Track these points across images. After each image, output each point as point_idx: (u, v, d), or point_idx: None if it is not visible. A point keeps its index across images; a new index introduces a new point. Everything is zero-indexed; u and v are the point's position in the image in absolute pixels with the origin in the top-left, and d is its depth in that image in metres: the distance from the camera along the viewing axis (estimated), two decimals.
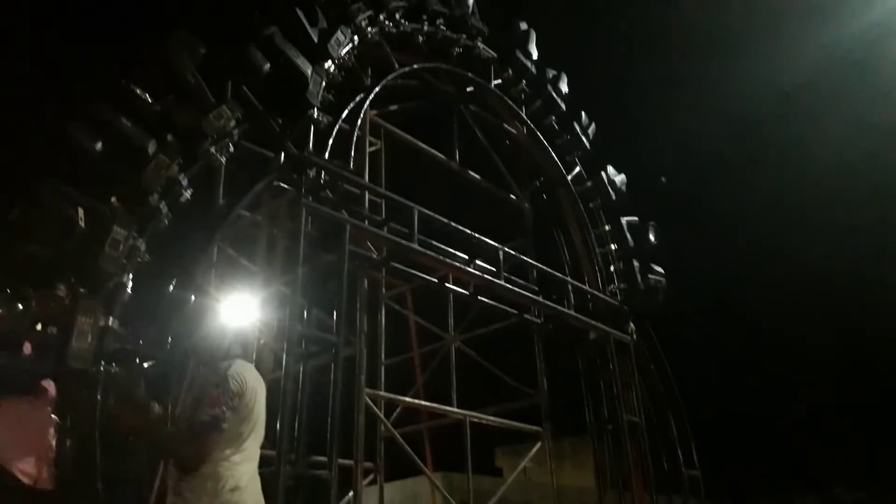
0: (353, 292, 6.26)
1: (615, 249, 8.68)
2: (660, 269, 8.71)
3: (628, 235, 8.74)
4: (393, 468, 8.72)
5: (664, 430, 8.17)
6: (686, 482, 7.90)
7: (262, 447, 3.33)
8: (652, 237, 8.80)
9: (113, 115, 4.53)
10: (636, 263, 8.59)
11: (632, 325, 8.42)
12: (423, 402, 7.68)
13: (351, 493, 6.30)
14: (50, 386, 3.78)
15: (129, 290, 4.48)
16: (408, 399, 7.62)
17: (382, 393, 7.21)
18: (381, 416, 6.63)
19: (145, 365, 4.52)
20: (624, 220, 8.88)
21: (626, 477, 7.71)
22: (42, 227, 4.19)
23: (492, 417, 7.30)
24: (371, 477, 7.89)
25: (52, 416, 3.79)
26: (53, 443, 3.65)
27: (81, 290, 4.25)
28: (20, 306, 3.83)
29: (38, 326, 3.96)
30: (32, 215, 4.19)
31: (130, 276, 4.52)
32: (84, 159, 4.48)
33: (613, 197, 8.99)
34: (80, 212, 4.29)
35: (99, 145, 4.47)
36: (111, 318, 4.27)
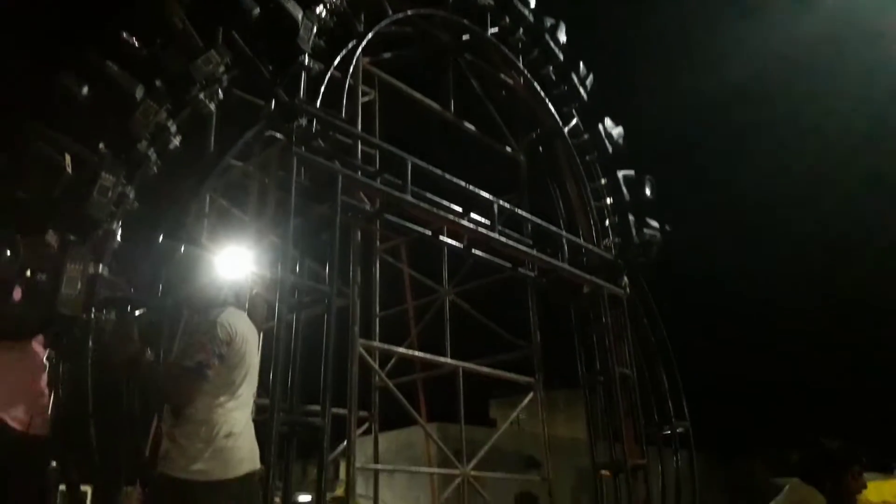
0: (347, 244, 6.23)
1: (611, 203, 8.63)
2: (655, 224, 8.68)
3: (624, 189, 8.67)
4: (387, 418, 8.87)
5: (655, 382, 8.26)
6: (676, 434, 8.02)
7: (258, 396, 3.37)
8: (648, 191, 8.74)
9: (100, 61, 4.42)
10: (631, 217, 8.56)
11: (625, 278, 8.43)
12: (417, 353, 7.74)
13: (345, 442, 6.41)
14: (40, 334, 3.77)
15: (118, 238, 4.46)
16: (402, 350, 7.67)
17: (377, 344, 7.25)
18: (376, 366, 6.67)
19: (137, 313, 4.52)
20: (620, 173, 8.81)
21: (616, 429, 7.83)
22: (29, 172, 4.14)
23: (485, 368, 7.36)
24: (366, 426, 8.01)
25: (45, 362, 3.78)
26: (45, 389, 3.64)
27: (71, 237, 4.23)
28: (8, 252, 3.79)
29: (28, 273, 3.93)
30: (19, 161, 4.13)
31: (119, 223, 4.49)
32: (71, 104, 4.40)
33: (610, 150, 8.89)
34: (68, 158, 4.23)
35: (86, 90, 4.37)
36: (101, 266, 4.26)
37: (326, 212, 5.77)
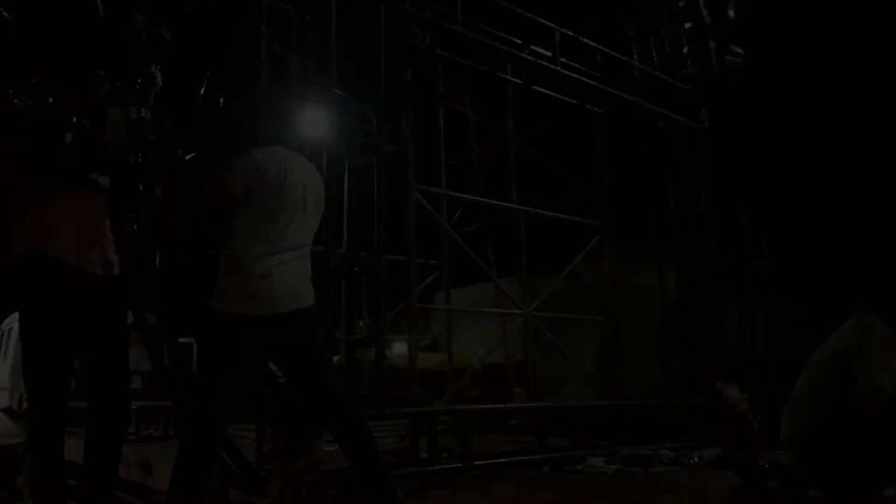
0: (397, 85, 5.99)
1: (689, 27, 7.83)
2: (738, 50, 7.86)
3: (704, 11, 7.82)
4: (458, 271, 8.93)
5: (733, 221, 7.84)
6: (752, 271, 7.69)
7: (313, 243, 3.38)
8: (731, 12, 7.85)
9: None
10: (712, 43, 7.77)
11: (704, 111, 7.81)
12: (482, 199, 7.62)
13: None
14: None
15: (158, 82, 4.40)
16: (466, 196, 7.57)
17: (441, 190, 7.13)
18: (430, 208, 6.53)
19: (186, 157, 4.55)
20: None
21: (690, 270, 7.59)
22: (60, 15, 4.07)
23: (548, 212, 7.16)
24: (435, 274, 8.15)
25: (103, 206, 3.87)
26: (110, 232, 3.74)
27: (110, 82, 4.20)
28: (50, 98, 3.80)
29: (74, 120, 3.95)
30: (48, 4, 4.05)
31: (158, 67, 4.42)
32: None
33: None
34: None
35: None
36: (143, 110, 4.24)
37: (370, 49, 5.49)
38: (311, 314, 3.20)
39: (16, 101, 3.44)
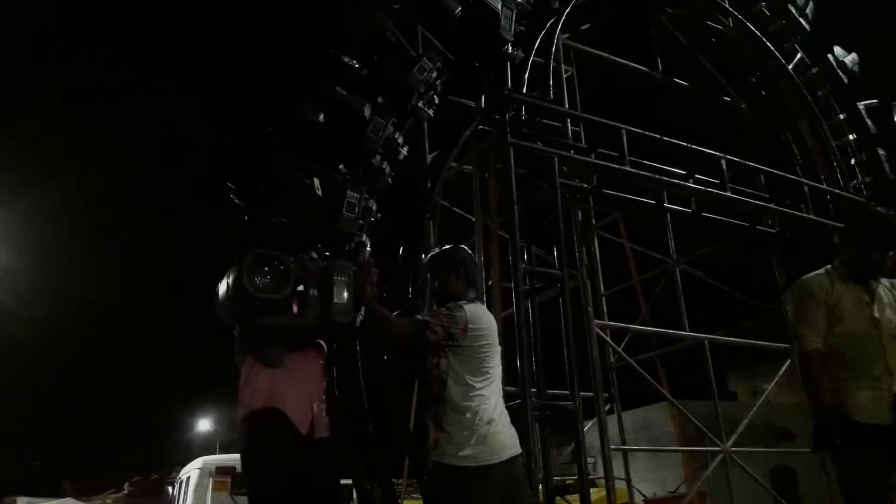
0: (568, 225, 6.16)
1: (854, 139, 7.62)
2: None
3: (868, 121, 7.62)
4: (622, 398, 8.67)
5: None
6: None
7: (503, 384, 3.45)
8: None
9: (329, 85, 4.75)
10: (881, 151, 7.50)
11: None
12: (654, 329, 7.46)
13: (590, 423, 6.36)
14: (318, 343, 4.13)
15: (367, 248, 4.78)
16: (637, 327, 7.43)
17: (610, 322, 7.07)
18: (614, 345, 6.53)
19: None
20: (861, 104, 7.76)
21: None
22: (287, 199, 4.57)
23: (731, 339, 6.87)
24: (608, 406, 7.90)
25: (322, 369, 4.13)
26: (324, 393, 3.96)
27: (327, 252, 4.61)
28: (283, 274, 4.20)
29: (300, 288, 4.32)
30: (279, 189, 4.57)
31: (367, 234, 4.82)
32: (311, 130, 4.77)
33: (845, 80, 7.86)
34: (316, 181, 4.61)
35: (321, 116, 4.73)
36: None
37: (543, 196, 5.73)
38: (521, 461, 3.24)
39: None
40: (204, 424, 29.77)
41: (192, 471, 8.93)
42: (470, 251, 4.60)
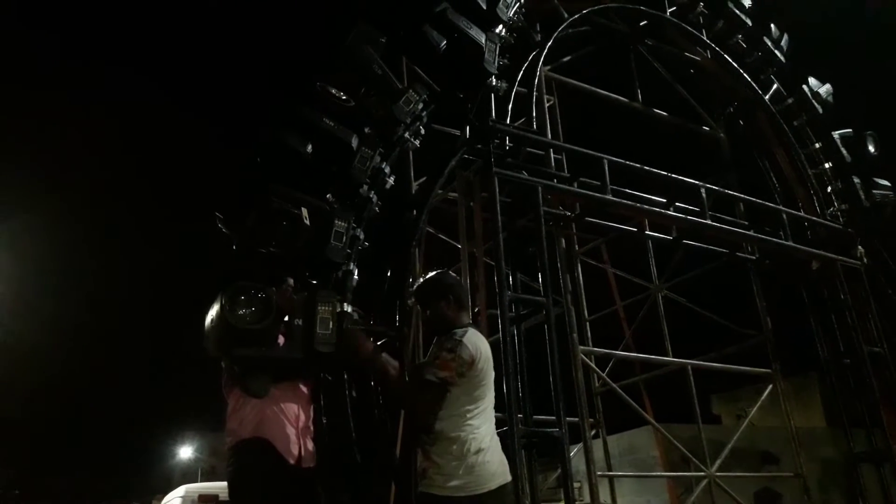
0: (552, 252, 6.25)
1: (830, 167, 7.83)
2: (885, 182, 7.75)
3: (843, 150, 7.84)
4: (607, 423, 8.72)
5: None
6: None
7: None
8: (871, 148, 7.82)
9: (317, 117, 4.83)
10: (856, 179, 7.70)
11: (860, 248, 7.58)
12: (637, 355, 7.54)
13: (576, 448, 6.40)
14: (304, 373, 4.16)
15: (355, 277, 4.82)
16: (621, 353, 7.51)
17: (595, 349, 7.15)
18: (598, 371, 6.59)
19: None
20: (836, 133, 7.99)
21: (872, 413, 7.04)
22: (276, 229, 4.61)
23: (715, 364, 6.97)
24: (593, 432, 7.93)
25: (309, 399, 4.15)
26: (311, 424, 3.98)
27: (313, 281, 4.65)
28: (266, 305, 4.22)
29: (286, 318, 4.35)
30: (267, 219, 4.61)
31: (355, 263, 4.86)
32: (298, 161, 4.83)
33: (820, 110, 8.09)
34: (304, 211, 4.66)
35: (309, 147, 4.79)
36: (345, 304, 4.63)
37: (528, 224, 5.82)
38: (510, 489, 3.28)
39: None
40: (185, 451, 29.34)
41: (174, 499, 8.56)
42: (456, 275, 4.68)
